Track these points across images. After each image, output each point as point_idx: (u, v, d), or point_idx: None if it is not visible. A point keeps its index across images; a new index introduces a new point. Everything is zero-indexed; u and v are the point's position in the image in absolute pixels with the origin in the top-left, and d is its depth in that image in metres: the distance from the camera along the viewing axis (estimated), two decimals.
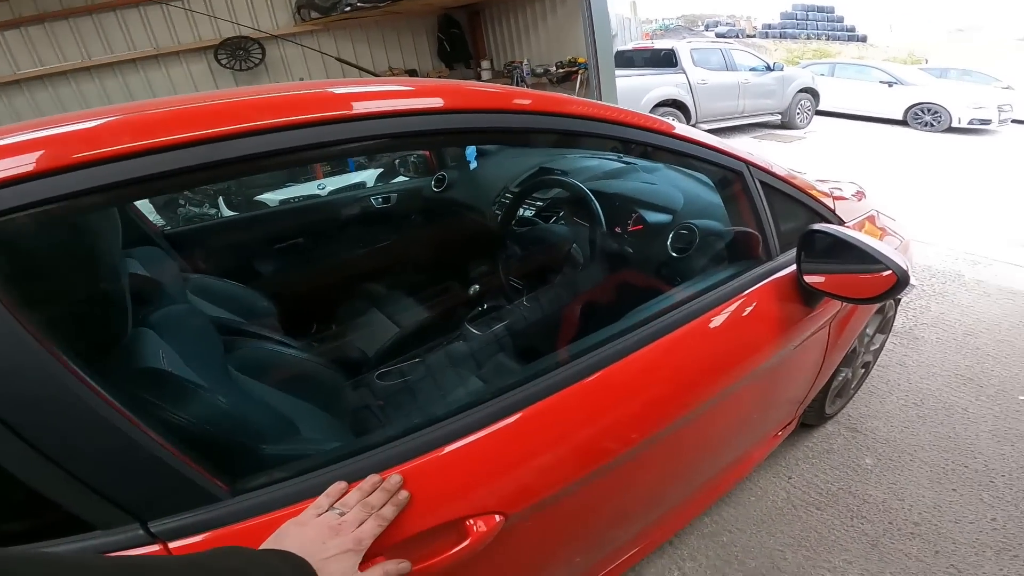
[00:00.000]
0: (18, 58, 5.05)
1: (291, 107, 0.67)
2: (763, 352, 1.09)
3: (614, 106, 0.95)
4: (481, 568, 0.79)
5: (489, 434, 0.74)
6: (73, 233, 0.69)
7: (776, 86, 8.05)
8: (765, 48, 22.45)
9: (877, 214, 1.65)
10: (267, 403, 0.90)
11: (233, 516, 0.60)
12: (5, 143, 0.55)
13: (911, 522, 1.53)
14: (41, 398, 0.51)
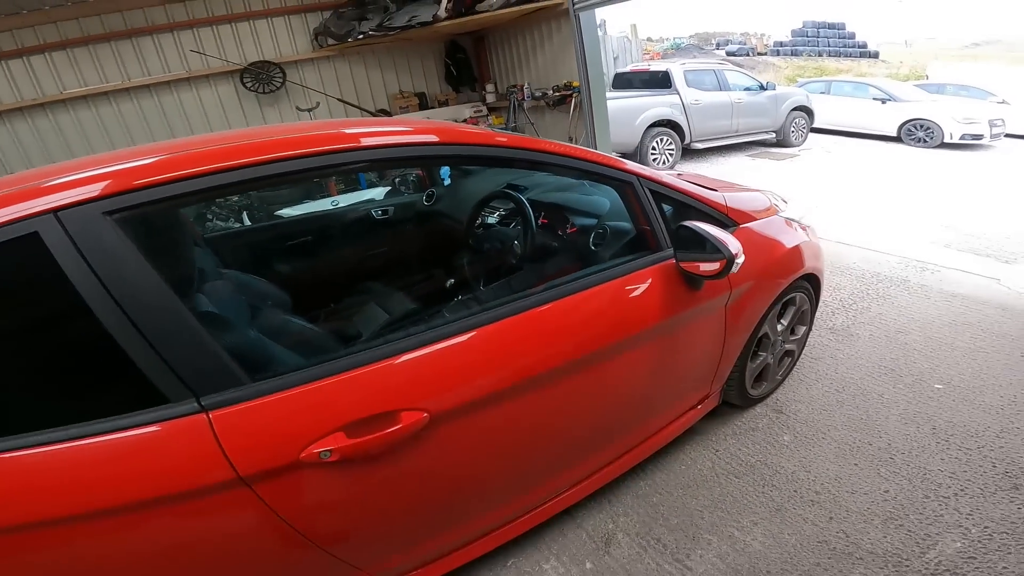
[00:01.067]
0: (64, 78, 5.59)
1: (337, 139, 1.08)
2: (653, 316, 1.45)
3: (537, 138, 1.34)
4: (417, 462, 1.13)
5: (431, 352, 1.11)
6: (175, 225, 1.08)
7: (770, 105, 8.32)
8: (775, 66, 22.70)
9: (786, 219, 1.98)
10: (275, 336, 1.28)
11: (249, 395, 0.97)
12: (145, 162, 0.94)
13: (813, 491, 1.79)
14: (164, 317, 0.90)
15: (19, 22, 5.26)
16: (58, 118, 5.65)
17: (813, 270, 2.03)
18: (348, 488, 1.09)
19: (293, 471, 1.00)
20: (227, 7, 6.01)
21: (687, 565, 1.59)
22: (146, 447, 0.91)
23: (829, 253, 3.65)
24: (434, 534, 1.35)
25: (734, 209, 1.75)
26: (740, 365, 1.94)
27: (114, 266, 0.87)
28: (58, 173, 0.95)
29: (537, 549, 1.69)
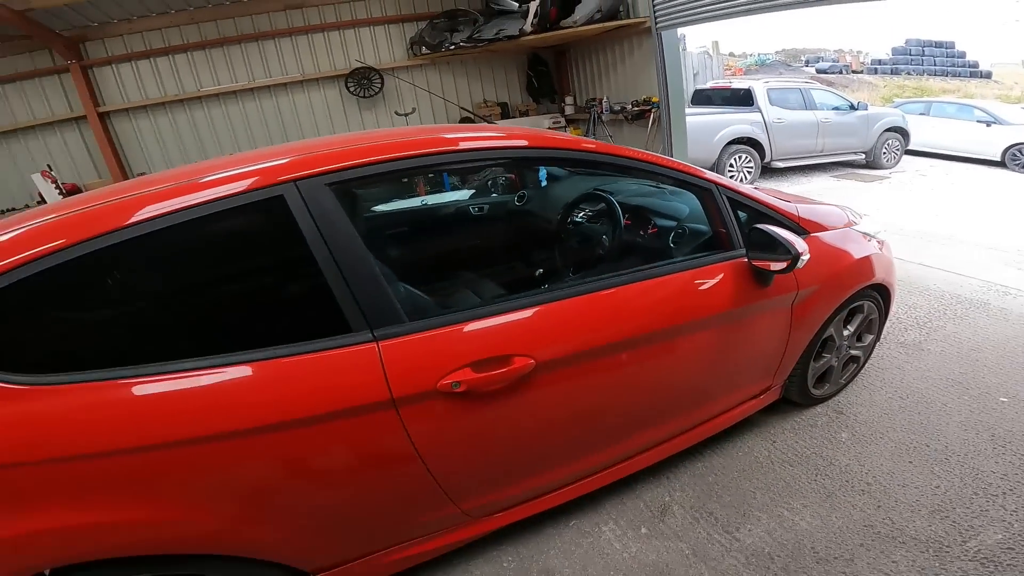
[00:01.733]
0: (202, 77, 6.41)
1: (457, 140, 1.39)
2: (723, 304, 1.67)
3: (623, 146, 1.59)
4: (520, 404, 1.41)
5: (536, 312, 1.40)
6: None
7: (860, 125, 8.05)
8: (872, 84, 21.53)
9: (861, 233, 2.15)
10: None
11: (409, 330, 1.28)
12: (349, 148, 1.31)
13: (865, 482, 1.92)
14: (358, 264, 1.24)
15: (167, 21, 6.09)
16: (194, 114, 6.50)
17: (883, 282, 2.17)
18: (465, 420, 1.37)
19: (429, 398, 1.29)
20: (336, 15, 6.67)
21: (736, 537, 1.76)
22: (333, 366, 1.22)
23: (909, 273, 3.66)
24: (520, 478, 1.61)
25: (805, 219, 1.93)
26: (803, 363, 2.09)
27: (329, 223, 1.22)
28: (283, 154, 1.32)
29: (596, 512, 1.91)
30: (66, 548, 1.13)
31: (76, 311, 1.23)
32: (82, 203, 1.20)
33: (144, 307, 1.32)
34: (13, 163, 6.10)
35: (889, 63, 24.29)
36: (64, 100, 6.07)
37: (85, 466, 1.08)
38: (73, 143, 6.25)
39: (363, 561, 1.47)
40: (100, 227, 1.11)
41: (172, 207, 1.16)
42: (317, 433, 1.23)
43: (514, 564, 1.75)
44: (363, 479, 1.35)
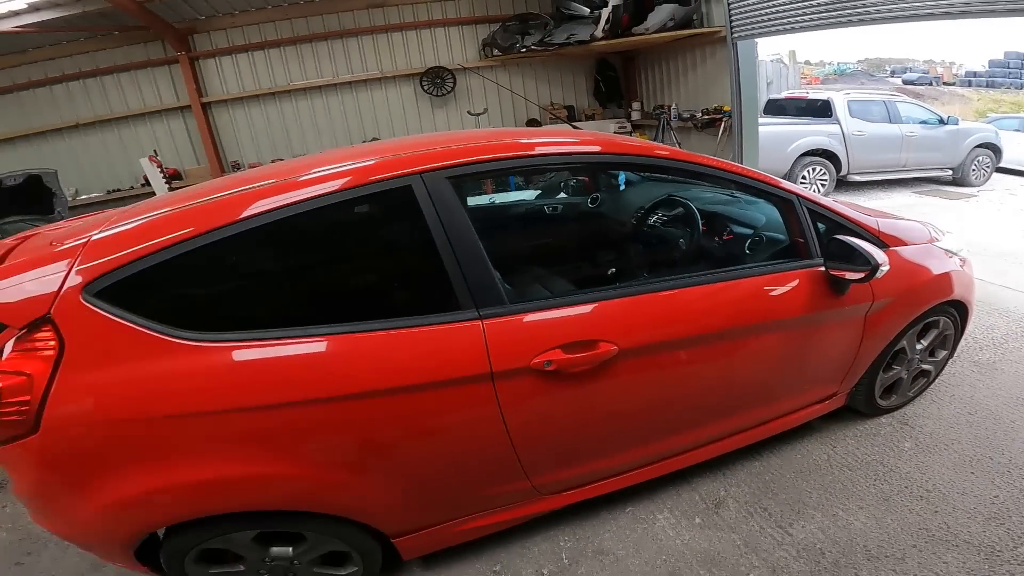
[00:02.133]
0: (292, 72, 6.88)
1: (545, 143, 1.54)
2: (796, 309, 1.75)
3: (699, 154, 1.69)
4: (599, 387, 1.54)
5: (622, 303, 1.53)
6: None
7: (947, 140, 7.61)
8: (965, 98, 20.13)
9: (943, 250, 2.16)
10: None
11: (510, 311, 1.43)
12: (462, 147, 1.48)
13: (924, 489, 1.94)
14: (470, 250, 1.41)
15: (264, 16, 6.57)
16: (283, 106, 6.99)
17: (961, 299, 2.17)
18: (550, 398, 1.51)
19: (523, 375, 1.44)
20: (414, 14, 6.99)
21: (788, 532, 1.82)
22: (443, 339, 1.39)
23: (990, 294, 3.54)
24: (589, 459, 1.73)
25: (885, 233, 1.97)
26: (872, 373, 2.12)
27: (448, 211, 1.40)
28: (406, 149, 1.52)
29: (652, 501, 2.01)
30: (192, 502, 1.30)
31: (233, 281, 1.46)
32: (241, 183, 1.43)
33: (288, 279, 1.54)
34: (123, 147, 6.77)
35: (985, 76, 22.56)
36: (172, 89, 6.68)
37: (219, 420, 1.25)
38: (177, 130, 6.87)
39: (439, 528, 1.63)
40: (273, 205, 1.33)
41: (319, 191, 1.36)
42: (422, 400, 1.39)
43: (570, 544, 1.87)
44: (454, 447, 1.50)
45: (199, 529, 1.40)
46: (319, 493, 1.40)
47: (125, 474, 1.26)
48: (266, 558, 1.52)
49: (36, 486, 1.31)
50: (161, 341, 1.23)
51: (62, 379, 1.19)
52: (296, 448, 1.34)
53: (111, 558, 1.50)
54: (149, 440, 1.25)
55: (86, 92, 6.54)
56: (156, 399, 1.23)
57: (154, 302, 1.28)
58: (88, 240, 1.28)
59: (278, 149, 7.02)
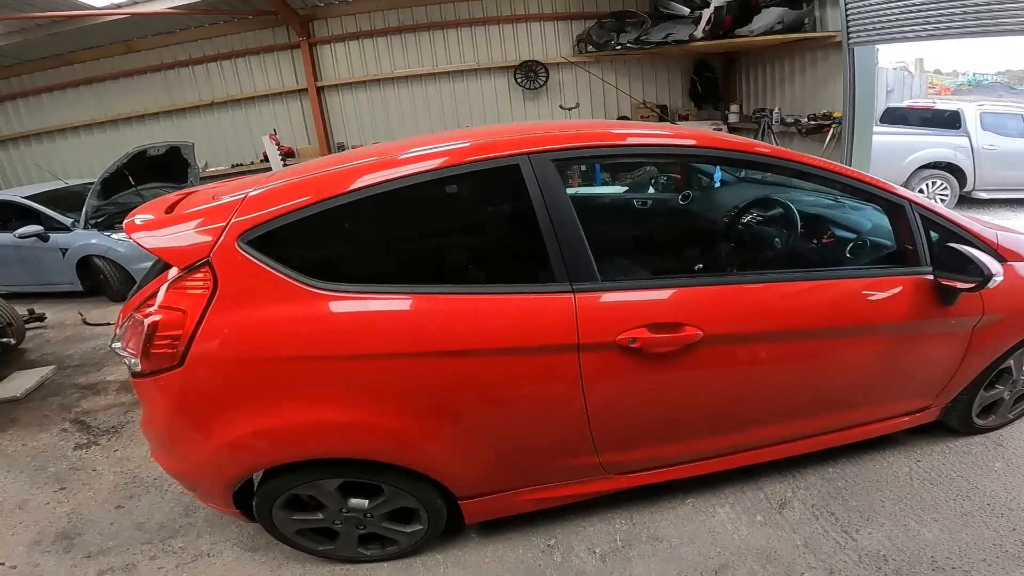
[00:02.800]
0: (396, 60, 7.30)
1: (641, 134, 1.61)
2: (896, 315, 1.70)
3: (804, 154, 1.67)
4: (680, 371, 1.58)
5: (711, 290, 1.57)
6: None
7: None
8: None
9: None
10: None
11: (601, 287, 1.51)
12: (561, 133, 1.59)
13: (1006, 507, 1.84)
14: (570, 228, 1.50)
15: (373, 6, 7.01)
16: (386, 93, 7.45)
17: None
18: (630, 376, 1.56)
19: (607, 349, 1.51)
20: (511, 8, 7.20)
21: (854, 537, 1.78)
22: (537, 307, 1.49)
23: None
24: (659, 443, 1.76)
25: (1004, 247, 1.85)
26: (971, 390, 2.01)
27: (551, 191, 1.51)
28: (514, 132, 1.64)
29: (714, 495, 2.01)
30: (297, 445, 1.44)
31: (360, 240, 1.64)
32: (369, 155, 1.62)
33: (406, 242, 1.72)
34: (248, 125, 7.52)
35: None
36: (292, 73, 7.33)
37: (337, 366, 1.39)
38: (294, 112, 7.53)
39: (504, 495, 1.71)
40: (409, 171, 1.49)
41: (439, 163, 1.51)
42: (511, 364, 1.49)
43: (625, 527, 1.91)
44: (532, 413, 1.59)
45: (293, 474, 1.54)
46: (404, 447, 1.51)
47: (246, 414, 1.40)
48: (343, 508, 1.65)
49: (167, 421, 1.47)
50: (296, 287, 1.40)
51: (211, 317, 1.35)
52: (389, 399, 1.46)
53: (211, 499, 1.65)
54: (270, 381, 1.41)
55: (221, 73, 7.32)
56: (286, 340, 1.40)
57: (294, 253, 1.46)
58: (245, 196, 1.49)
59: (379, 133, 7.50)
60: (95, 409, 3.08)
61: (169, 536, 2.06)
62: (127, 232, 1.50)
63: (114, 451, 2.64)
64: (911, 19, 4.52)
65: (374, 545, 1.81)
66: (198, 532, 2.06)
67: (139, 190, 5.13)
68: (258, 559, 1.91)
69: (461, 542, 1.90)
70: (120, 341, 1.43)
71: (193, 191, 1.88)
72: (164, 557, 1.96)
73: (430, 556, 1.85)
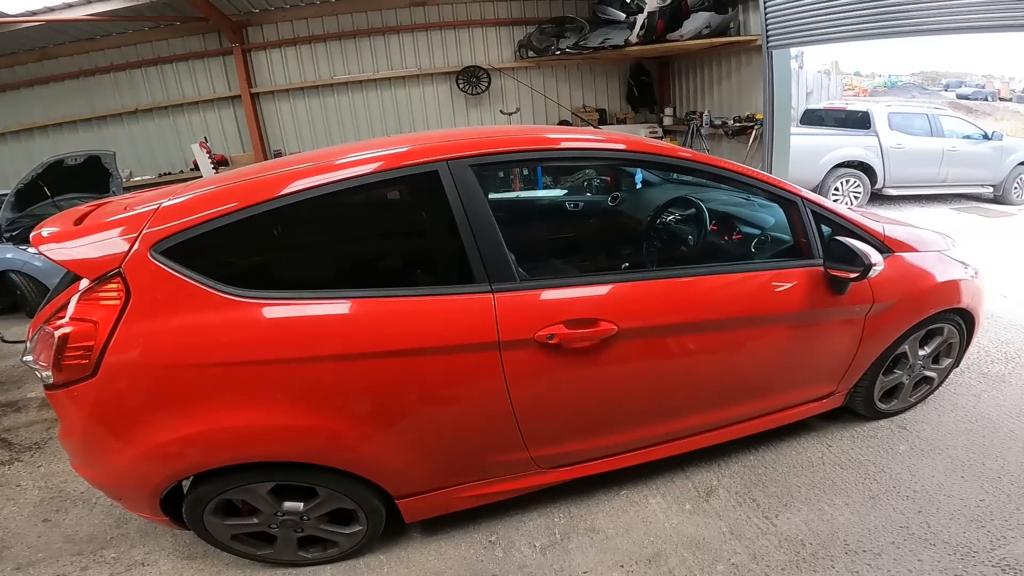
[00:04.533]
0: (334, 66, 7.17)
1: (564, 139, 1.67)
2: (795, 304, 1.84)
3: (717, 157, 1.80)
4: (599, 365, 1.65)
5: (623, 287, 1.65)
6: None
7: (992, 156, 7.35)
8: (1021, 114, 19.29)
9: (948, 257, 2.22)
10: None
11: (519, 287, 1.56)
12: (483, 139, 1.65)
13: (911, 490, 1.99)
14: (488, 231, 1.55)
15: (314, 11, 6.88)
16: (325, 100, 7.31)
17: (968, 308, 2.20)
18: (551, 371, 1.63)
19: (527, 346, 1.57)
20: (453, 14, 7.22)
21: (773, 523, 1.90)
22: (458, 307, 1.53)
23: (1011, 311, 3.53)
24: (587, 436, 1.83)
25: (891, 238, 2.03)
26: (871, 375, 2.18)
27: (469, 196, 1.56)
28: (434, 139, 1.67)
29: (646, 486, 2.10)
30: (225, 449, 1.44)
31: (275, 247, 1.64)
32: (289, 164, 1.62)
33: (324, 248, 1.73)
34: (176, 133, 7.20)
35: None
36: (225, 79, 7.08)
37: (256, 371, 1.41)
38: (227, 119, 7.27)
39: (441, 493, 1.75)
40: (317, 183, 1.51)
41: (358, 172, 1.54)
42: (435, 363, 1.53)
43: (564, 520, 1.98)
44: (460, 411, 1.63)
45: (222, 479, 1.54)
46: (335, 448, 1.52)
47: (165, 421, 1.40)
48: (278, 512, 1.64)
49: (84, 432, 1.45)
50: (213, 296, 1.41)
51: (124, 328, 1.35)
52: (318, 402, 1.48)
53: (138, 508, 1.63)
54: (191, 388, 1.40)
55: (146, 80, 6.98)
56: (203, 348, 1.40)
57: (209, 262, 1.46)
58: (159, 207, 1.48)
59: (318, 140, 7.35)
60: (16, 426, 2.98)
61: (100, 547, 2.00)
62: (34, 245, 1.46)
63: (38, 467, 2.56)
64: (826, 22, 4.83)
65: (315, 548, 1.80)
66: (131, 543, 2.01)
67: (56, 201, 4.82)
68: (196, 567, 1.87)
69: (404, 541, 1.92)
70: (31, 354, 1.41)
71: (105, 202, 1.83)
72: (96, 568, 1.90)
73: (373, 557, 1.86)
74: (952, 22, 3.92)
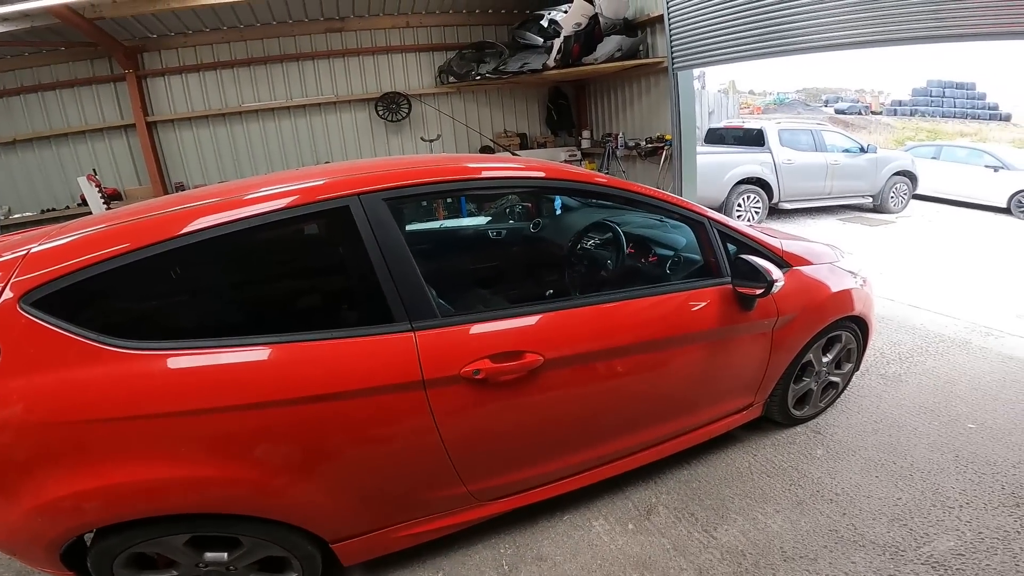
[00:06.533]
0: (244, 93, 6.82)
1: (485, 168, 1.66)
2: (709, 322, 1.91)
3: (630, 181, 1.86)
4: (528, 396, 1.64)
5: (546, 317, 1.64)
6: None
7: (869, 168, 8.08)
8: (890, 126, 21.66)
9: (840, 268, 2.39)
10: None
11: (441, 323, 1.52)
12: (415, 169, 1.61)
13: (833, 493, 2.11)
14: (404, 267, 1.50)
15: (219, 37, 6.54)
16: (233, 128, 6.91)
17: (861, 315, 2.39)
18: (480, 405, 1.59)
19: (453, 383, 1.52)
20: (372, 40, 7.11)
21: (713, 535, 1.95)
22: (377, 348, 1.46)
23: (899, 313, 3.87)
24: (523, 466, 1.81)
25: (788, 253, 2.19)
26: (783, 385, 2.32)
27: (383, 231, 1.50)
28: (345, 172, 1.60)
29: (588, 509, 2.11)
30: (125, 504, 1.32)
31: (170, 293, 1.50)
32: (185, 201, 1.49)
33: (227, 291, 1.59)
34: (60, 166, 6.51)
35: (909, 104, 24.20)
36: (116, 108, 6.51)
37: (155, 424, 1.30)
38: (119, 150, 6.67)
39: (378, 534, 1.67)
40: (216, 222, 1.40)
41: (262, 209, 1.44)
42: (357, 406, 1.46)
43: (511, 550, 1.94)
44: (389, 452, 1.56)
45: (129, 532, 1.40)
46: (254, 496, 1.43)
47: (54, 476, 1.27)
48: (200, 563, 1.52)
49: None
50: (95, 349, 1.27)
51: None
52: (232, 451, 1.37)
53: (36, 563, 1.47)
54: (80, 443, 1.27)
55: (25, 108, 6.29)
56: (89, 404, 1.26)
57: (90, 312, 1.33)
58: (27, 252, 1.32)
59: (226, 171, 6.92)
60: None
61: None
62: None
63: None
64: (724, 43, 5.17)
65: None
66: None
67: None
68: None
69: None
70: None
71: None
72: None
73: None
74: (832, 39, 4.31)
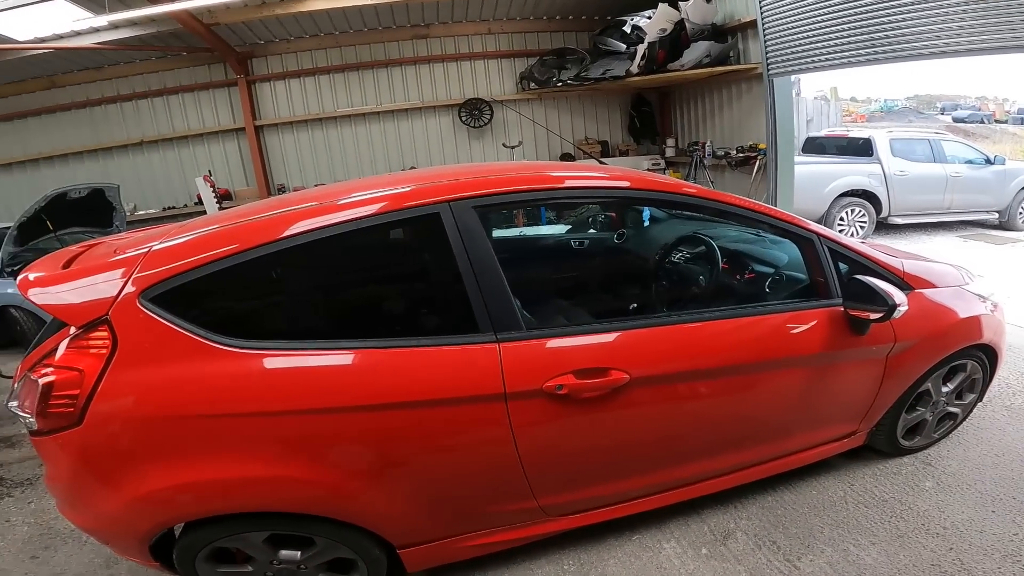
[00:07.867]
0: (338, 98, 7.23)
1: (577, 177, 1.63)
2: (814, 346, 1.76)
3: (725, 192, 1.73)
4: (610, 414, 1.57)
5: (635, 334, 1.58)
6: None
7: (994, 181, 7.27)
8: (1018, 137, 19.43)
9: (968, 292, 2.15)
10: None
11: (526, 336, 1.49)
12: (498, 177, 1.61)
13: (941, 527, 1.90)
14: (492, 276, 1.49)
15: (316, 44, 6.98)
16: (328, 132, 7.35)
17: (991, 343, 2.13)
18: (560, 421, 1.55)
19: (535, 396, 1.49)
20: (456, 47, 7.30)
21: (796, 565, 1.79)
22: (461, 359, 1.46)
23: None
24: (597, 483, 1.75)
25: (911, 275, 1.97)
26: (894, 414, 2.10)
27: (472, 239, 1.50)
28: (436, 178, 1.63)
29: (660, 530, 2.00)
30: (217, 499, 1.39)
31: (272, 294, 1.58)
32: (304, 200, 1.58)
33: (322, 295, 1.66)
34: (180, 166, 7.22)
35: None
36: (229, 111, 7.14)
37: (249, 423, 1.35)
38: (231, 152, 7.30)
39: (445, 542, 1.66)
40: (312, 226, 1.45)
41: (360, 213, 1.48)
42: (437, 415, 1.46)
43: (574, 568, 1.87)
44: (465, 462, 1.56)
45: (214, 527, 1.47)
46: (333, 499, 1.46)
47: (154, 469, 1.34)
48: (274, 560, 1.57)
49: (70, 477, 1.41)
50: (204, 346, 1.35)
51: (111, 377, 1.31)
52: (316, 453, 1.41)
53: (127, 552, 1.57)
54: (181, 438, 1.35)
55: (152, 111, 7.05)
56: (193, 399, 1.34)
57: (202, 310, 1.41)
58: (149, 250, 1.42)
59: (321, 174, 7.36)
60: (9, 462, 2.93)
61: None
62: (20, 288, 1.42)
63: (28, 503, 2.51)
64: (823, 49, 4.85)
65: None
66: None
67: (59, 235, 4.78)
68: None
69: None
70: (16, 400, 1.37)
71: (95, 243, 1.79)
72: None
73: None
74: (947, 46, 3.92)
